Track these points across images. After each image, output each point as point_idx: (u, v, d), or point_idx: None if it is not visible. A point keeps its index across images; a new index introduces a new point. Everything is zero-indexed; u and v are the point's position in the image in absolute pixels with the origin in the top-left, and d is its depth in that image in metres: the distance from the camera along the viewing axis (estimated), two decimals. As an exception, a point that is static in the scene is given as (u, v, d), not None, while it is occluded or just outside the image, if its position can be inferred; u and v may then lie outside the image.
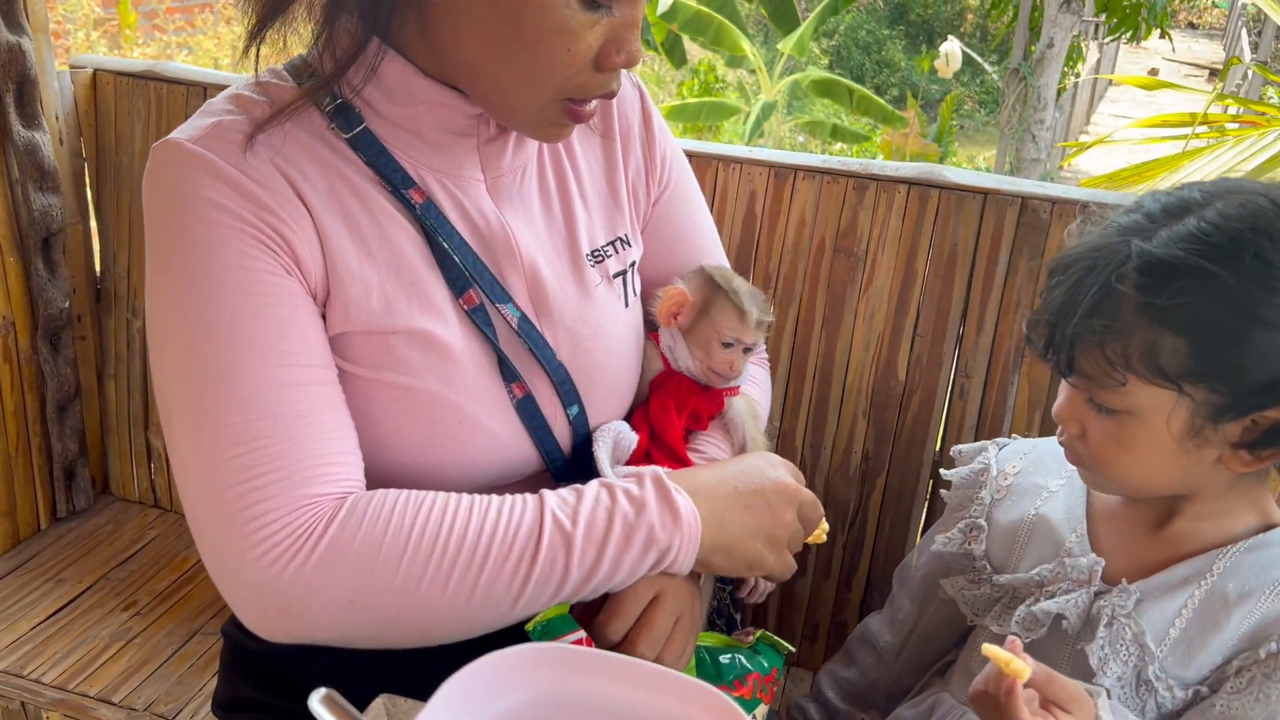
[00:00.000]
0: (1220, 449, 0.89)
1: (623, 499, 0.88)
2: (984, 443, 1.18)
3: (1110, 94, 14.42)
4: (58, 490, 1.82)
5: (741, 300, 1.06)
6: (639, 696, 0.75)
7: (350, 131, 0.91)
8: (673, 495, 0.89)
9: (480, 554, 0.84)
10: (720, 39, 7.69)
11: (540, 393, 0.99)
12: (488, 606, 0.85)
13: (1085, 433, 0.94)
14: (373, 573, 0.82)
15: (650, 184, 1.14)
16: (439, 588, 0.83)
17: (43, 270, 1.70)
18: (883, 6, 14.47)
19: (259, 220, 0.85)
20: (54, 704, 1.46)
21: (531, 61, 0.86)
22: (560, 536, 0.85)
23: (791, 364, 1.53)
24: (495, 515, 0.86)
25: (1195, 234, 0.86)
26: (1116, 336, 0.87)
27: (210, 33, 7.42)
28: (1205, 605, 0.94)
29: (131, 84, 1.71)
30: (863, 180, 1.45)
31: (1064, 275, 0.92)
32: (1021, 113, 7.49)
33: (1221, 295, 0.84)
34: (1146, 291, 0.85)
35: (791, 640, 1.63)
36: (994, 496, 1.11)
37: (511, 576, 0.84)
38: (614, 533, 0.87)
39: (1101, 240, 0.91)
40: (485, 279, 0.96)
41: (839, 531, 1.57)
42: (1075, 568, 0.99)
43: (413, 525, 0.84)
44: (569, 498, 0.88)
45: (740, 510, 0.94)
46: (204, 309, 0.84)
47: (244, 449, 0.82)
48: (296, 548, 0.82)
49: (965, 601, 1.08)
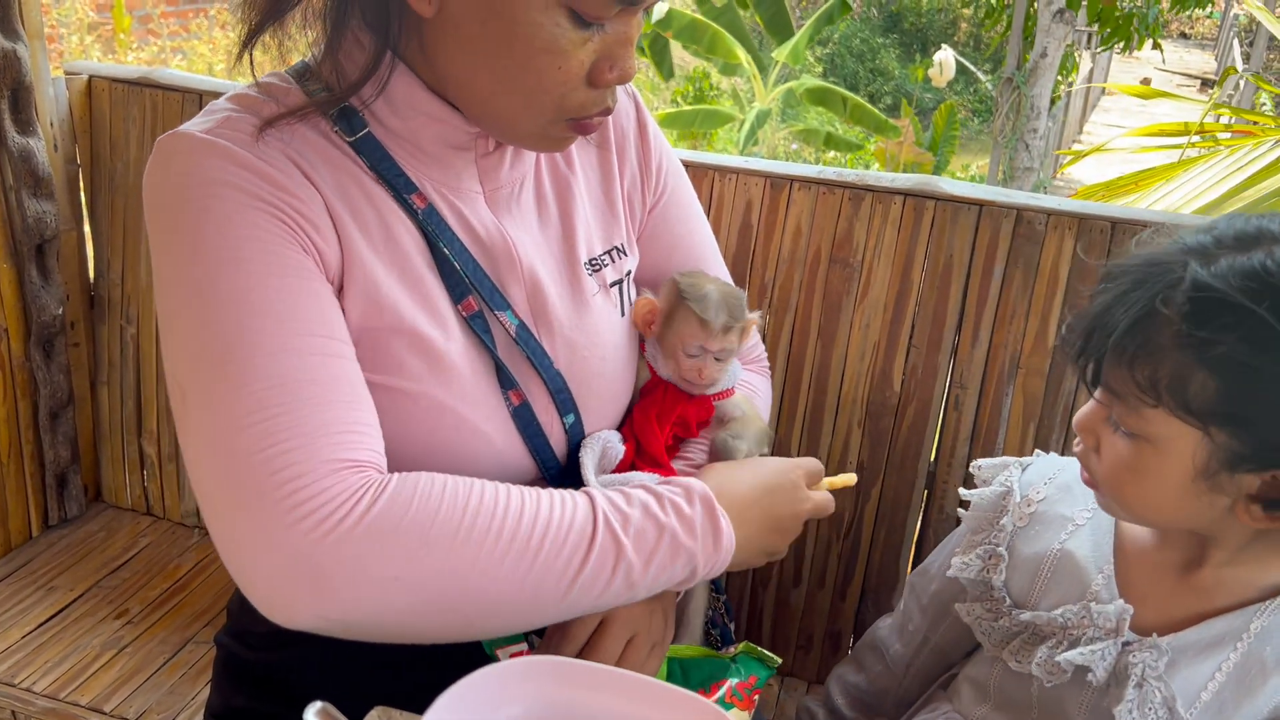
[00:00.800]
0: (1234, 498, 0.85)
1: (673, 517, 0.89)
2: (1005, 460, 1.13)
3: (1103, 103, 14.48)
4: (50, 497, 1.81)
5: (702, 309, 1.05)
6: (635, 710, 0.74)
7: (354, 135, 0.91)
8: (720, 520, 0.91)
9: (535, 544, 0.82)
10: (715, 47, 7.71)
11: (537, 401, 0.99)
12: (536, 599, 0.82)
13: (1100, 448, 0.91)
14: (424, 549, 0.78)
15: (646, 193, 1.14)
16: (491, 572, 0.80)
17: (36, 277, 1.69)
18: (877, 15, 14.51)
19: (277, 199, 0.84)
20: (45, 713, 1.45)
21: (523, 80, 0.85)
22: (612, 540, 0.85)
23: (787, 374, 1.53)
24: (549, 508, 0.84)
25: (1257, 271, 0.79)
26: (1148, 360, 0.83)
27: (205, 37, 7.41)
28: (1241, 669, 0.90)
29: (127, 91, 1.71)
30: (858, 191, 1.45)
31: (1114, 283, 0.88)
32: (1015, 121, 7.51)
33: (1265, 344, 0.78)
34: (1189, 321, 0.81)
35: (785, 650, 1.64)
36: (1016, 524, 1.05)
37: (563, 571, 0.83)
38: (661, 548, 0.88)
39: (1161, 255, 0.86)
40: (485, 286, 0.96)
41: (834, 541, 1.57)
42: (1103, 614, 0.94)
43: (466, 505, 0.81)
44: (619, 502, 0.88)
45: (762, 535, 0.98)
46: (219, 280, 0.81)
47: (264, 415, 0.78)
48: (341, 514, 0.77)
49: (982, 632, 1.05)
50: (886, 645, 1.23)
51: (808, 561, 1.59)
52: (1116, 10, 7.49)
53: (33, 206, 1.65)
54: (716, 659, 1.04)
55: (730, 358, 1.09)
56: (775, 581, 1.62)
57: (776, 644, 1.65)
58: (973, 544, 1.08)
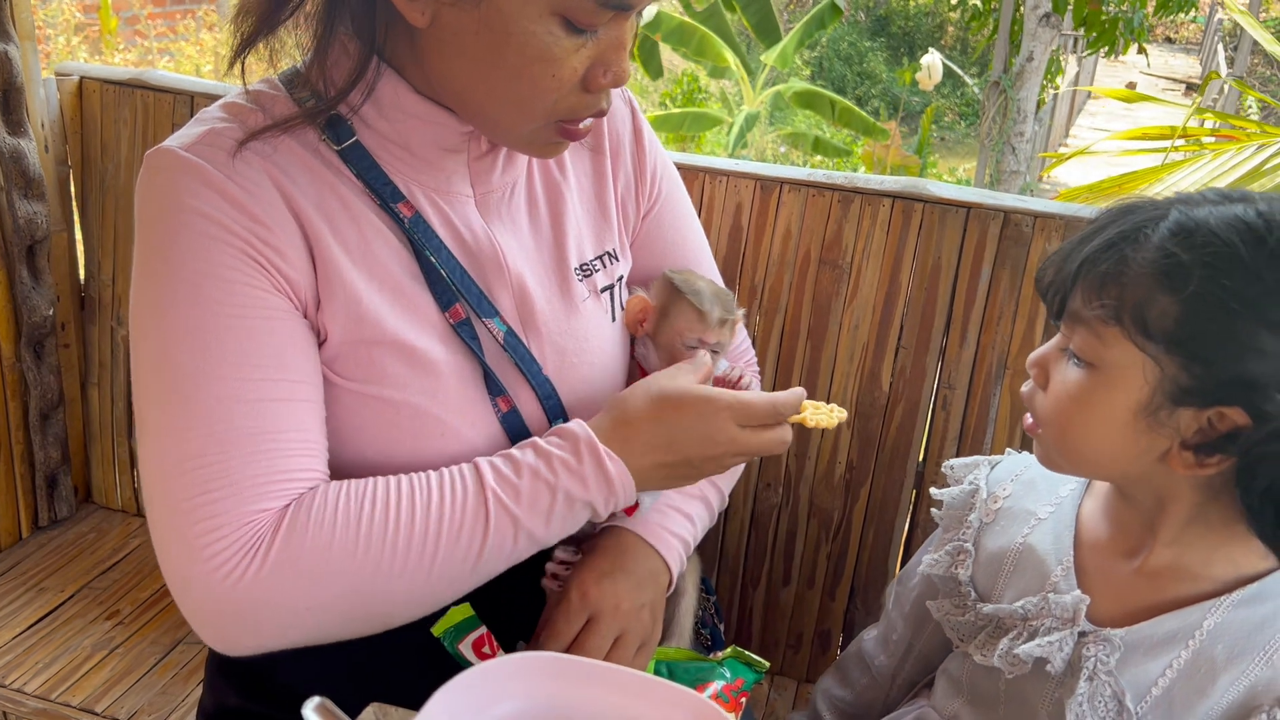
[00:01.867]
0: (1170, 441, 0.86)
1: (563, 474, 0.90)
2: (976, 459, 1.16)
3: (1089, 107, 14.56)
4: (40, 499, 1.81)
5: (699, 301, 1.06)
6: (629, 704, 0.75)
7: (341, 144, 0.92)
8: (606, 464, 0.91)
9: (431, 541, 0.86)
10: (703, 50, 7.72)
11: (525, 406, 1.00)
12: (446, 584, 0.88)
13: (1049, 384, 0.93)
14: (325, 579, 0.84)
15: (640, 198, 1.14)
16: (394, 581, 0.85)
17: (27, 278, 1.69)
18: (865, 19, 14.56)
19: (246, 231, 0.86)
20: (36, 714, 1.45)
21: (517, 87, 0.86)
22: (506, 515, 0.88)
23: (777, 374, 1.54)
24: (440, 498, 0.88)
25: (1240, 215, 0.83)
26: (1117, 282, 0.85)
27: (192, 39, 7.39)
28: (1191, 667, 0.91)
29: (118, 92, 1.71)
30: (848, 194, 1.46)
31: (1099, 219, 0.91)
32: (1001, 125, 7.55)
33: (1239, 277, 0.81)
34: (1169, 244, 0.83)
35: (775, 649, 1.65)
36: (983, 520, 1.08)
37: (464, 557, 0.87)
38: (557, 506, 0.90)
39: (1150, 201, 0.89)
40: (472, 293, 0.96)
41: (823, 541, 1.58)
42: (1060, 605, 0.96)
43: (359, 525, 0.85)
44: (508, 473, 0.90)
45: (664, 472, 0.95)
46: (179, 316, 0.85)
47: (200, 462, 0.83)
48: (246, 561, 0.82)
49: (950, 627, 1.07)
50: (872, 657, 1.23)
51: (797, 561, 1.60)
52: (1102, 15, 7.53)
53: (24, 207, 1.65)
54: (704, 662, 1.05)
55: (722, 354, 1.10)
56: (765, 581, 1.63)
57: (766, 643, 1.66)
58: (943, 542, 1.11)
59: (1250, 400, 0.82)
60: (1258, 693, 0.89)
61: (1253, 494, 0.84)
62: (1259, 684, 0.89)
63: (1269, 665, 0.89)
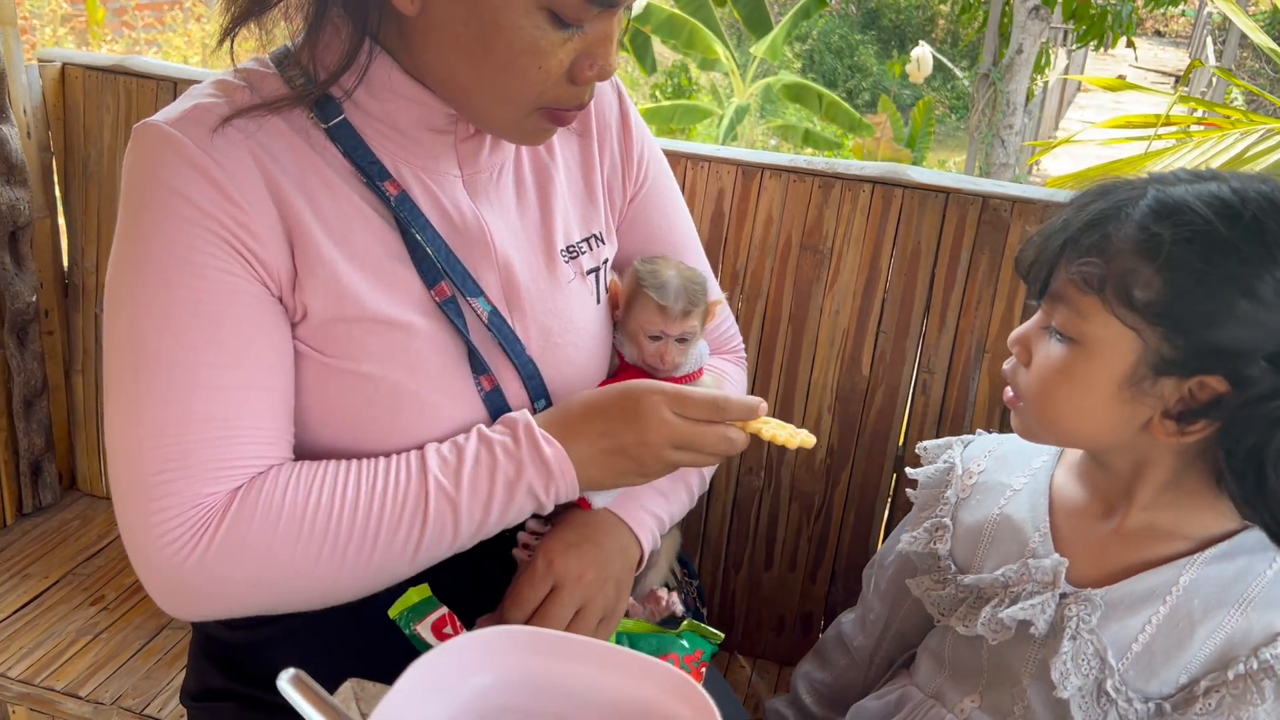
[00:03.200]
0: (1153, 410, 0.89)
1: (502, 458, 0.92)
2: (949, 439, 1.18)
3: (1079, 100, 14.60)
4: (24, 486, 1.80)
5: (661, 295, 1.06)
6: (605, 677, 0.76)
7: (329, 122, 0.92)
8: (543, 449, 0.92)
9: (373, 530, 0.88)
10: (693, 42, 7.72)
11: (508, 386, 1.00)
12: (385, 569, 0.90)
13: (1031, 361, 0.95)
14: (270, 559, 0.87)
15: (626, 182, 1.15)
16: (337, 563, 0.88)
17: (10, 264, 1.69)
18: (855, 11, 14.56)
19: (221, 212, 0.87)
20: (20, 698, 1.46)
21: (504, 79, 0.87)
22: (446, 502, 0.90)
23: (759, 359, 1.55)
24: (382, 487, 0.90)
25: (1215, 193, 0.86)
26: (1100, 255, 0.88)
27: (180, 30, 7.36)
28: (1169, 621, 0.93)
29: (100, 78, 1.71)
30: (828, 179, 1.47)
31: (1078, 200, 0.94)
32: (991, 117, 7.57)
33: (1218, 250, 0.84)
34: (1149, 220, 0.86)
35: (758, 633, 1.66)
36: (959, 496, 1.11)
37: (404, 543, 0.89)
38: (497, 494, 0.91)
39: (1128, 181, 0.92)
40: (457, 272, 0.97)
41: (804, 525, 1.59)
42: (1039, 569, 0.99)
43: (305, 509, 0.88)
44: (450, 459, 0.92)
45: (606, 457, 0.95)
46: (149, 297, 0.87)
47: (159, 443, 0.86)
48: (195, 540, 0.86)
49: (931, 602, 1.09)
50: (850, 639, 1.25)
51: (779, 545, 1.61)
52: (1091, 7, 7.55)
53: (6, 194, 1.65)
54: (664, 634, 1.06)
55: (694, 340, 1.10)
56: (747, 565, 1.64)
57: (749, 627, 1.67)
58: (920, 520, 1.13)
59: (1232, 368, 0.85)
60: (1234, 643, 0.92)
61: (1236, 457, 0.88)
62: (1235, 635, 0.92)
63: (1244, 616, 0.92)
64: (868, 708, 1.17)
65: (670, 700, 0.74)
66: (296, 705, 0.70)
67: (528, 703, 0.76)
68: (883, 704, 1.16)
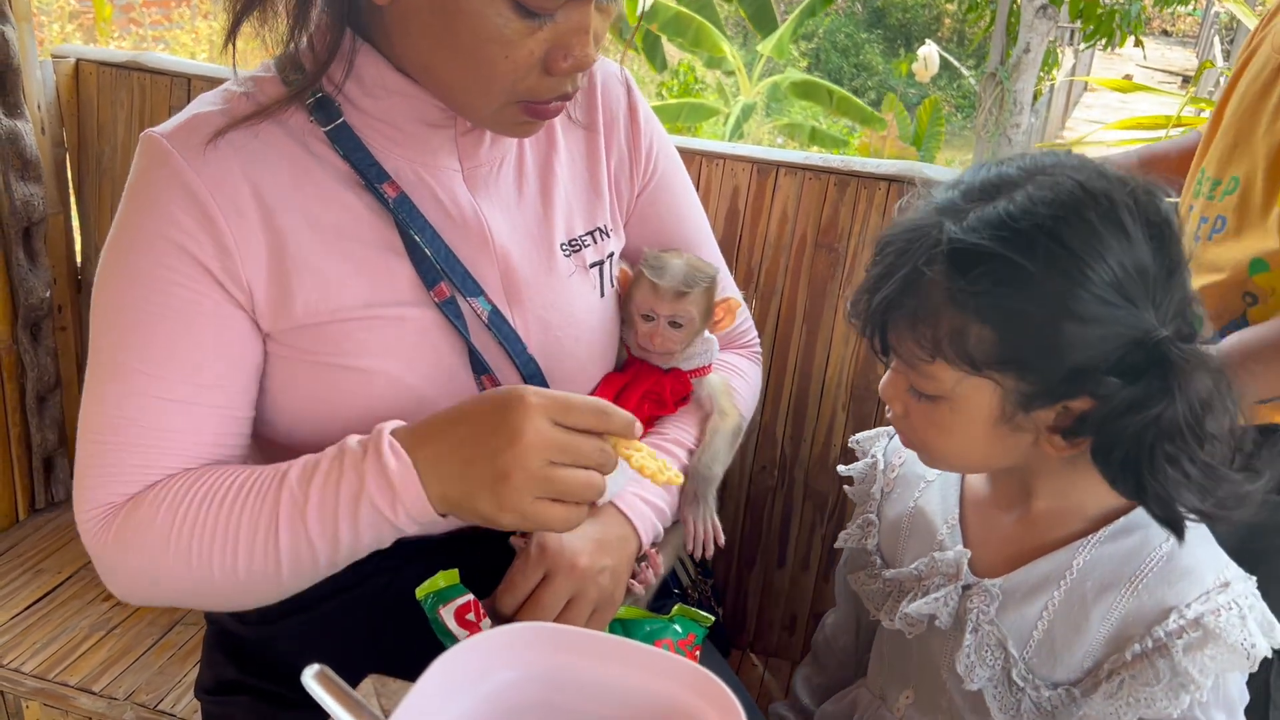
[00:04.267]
0: (1035, 433, 0.89)
1: (349, 470, 0.86)
2: (879, 431, 1.18)
3: (1085, 99, 14.57)
4: (36, 481, 1.81)
5: (655, 275, 1.07)
6: (628, 674, 0.76)
7: (329, 124, 0.93)
8: (387, 462, 0.84)
9: (230, 546, 0.89)
10: (700, 40, 7.71)
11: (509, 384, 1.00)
12: (254, 580, 0.90)
13: (908, 413, 0.94)
14: (152, 559, 0.91)
15: (635, 176, 1.15)
16: (206, 567, 0.90)
17: (23, 260, 1.69)
18: (861, 10, 14.55)
19: (198, 229, 0.89)
20: (34, 693, 1.46)
21: (473, 69, 0.87)
22: (297, 517, 0.87)
23: (773, 358, 1.54)
24: (241, 503, 0.89)
25: (1002, 219, 0.83)
26: (925, 321, 0.86)
27: (187, 27, 7.38)
28: (1065, 606, 0.93)
29: (114, 74, 1.71)
30: (843, 177, 1.47)
31: (881, 254, 0.91)
32: (998, 116, 7.56)
33: (1026, 285, 0.82)
34: (954, 276, 0.84)
35: (770, 631, 1.66)
36: (884, 490, 1.11)
37: (264, 562, 0.89)
38: (342, 509, 0.86)
39: (918, 219, 0.89)
40: (457, 272, 0.97)
41: (818, 523, 1.59)
42: (944, 561, 1.00)
43: (175, 513, 0.89)
44: (309, 468, 0.88)
45: (459, 472, 0.85)
46: (116, 302, 0.91)
47: (98, 436, 0.92)
48: (103, 530, 0.92)
49: (866, 597, 1.10)
50: (833, 640, 1.26)
51: (792, 544, 1.61)
52: (1099, 7, 7.54)
53: (20, 190, 1.65)
54: (655, 618, 1.06)
55: (689, 328, 1.10)
56: (760, 564, 1.64)
57: (761, 625, 1.67)
58: (855, 515, 1.14)
59: (1086, 387, 0.84)
60: (1129, 623, 0.91)
61: (1111, 466, 0.87)
62: (1129, 614, 0.91)
63: (1135, 595, 0.91)
64: (828, 711, 1.18)
65: (693, 697, 0.74)
66: (321, 701, 0.70)
67: (550, 699, 0.76)
68: (839, 707, 1.17)
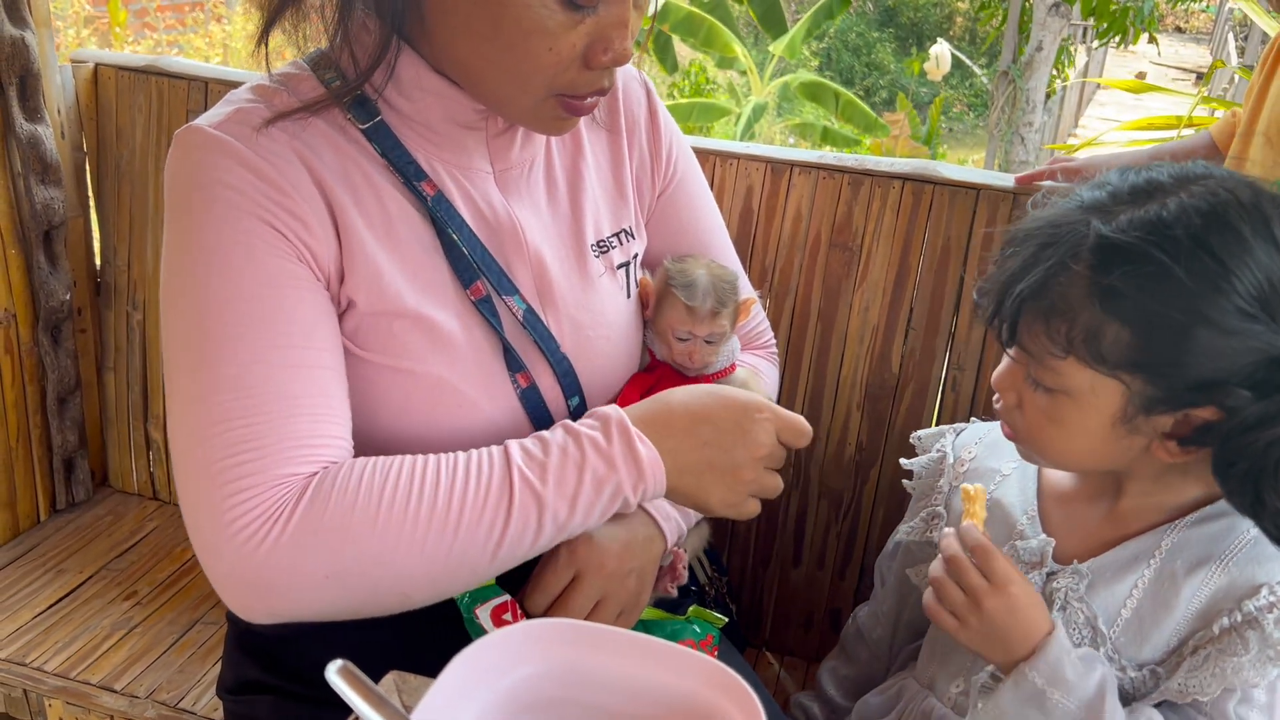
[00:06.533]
0: (1151, 438, 0.90)
1: (591, 454, 0.88)
2: (943, 428, 1.19)
3: (1098, 97, 14.49)
4: (57, 482, 1.82)
5: (688, 296, 1.06)
6: (648, 670, 0.76)
7: (367, 123, 0.94)
8: (637, 446, 0.89)
9: (454, 518, 0.85)
10: (711, 40, 7.71)
11: (543, 382, 1.01)
12: (464, 565, 0.87)
13: (1021, 404, 0.95)
14: (346, 545, 0.84)
15: (655, 177, 1.16)
16: (415, 554, 0.84)
17: (44, 263, 1.71)
18: (873, 9, 14.52)
19: (272, 203, 0.87)
20: (56, 691, 1.47)
21: (514, 61, 0.87)
22: (531, 495, 0.86)
23: (787, 356, 1.55)
24: (464, 477, 0.86)
25: (1155, 222, 0.85)
26: (1062, 315, 0.87)
27: (202, 31, 7.41)
28: (1155, 584, 0.95)
29: (133, 78, 1.72)
30: (858, 176, 1.47)
31: (1021, 245, 0.92)
32: (1010, 115, 7.54)
33: (1171, 290, 0.83)
34: (1099, 272, 0.85)
35: (786, 629, 1.66)
36: (952, 484, 1.12)
37: (486, 537, 0.85)
38: (584, 488, 0.88)
39: (1063, 215, 0.90)
40: (493, 271, 0.98)
41: (833, 522, 1.59)
42: (1027, 549, 1.01)
43: (381, 494, 0.84)
44: (535, 452, 0.89)
45: (700, 466, 0.92)
46: (208, 286, 0.86)
47: (228, 426, 0.84)
48: (269, 526, 0.83)
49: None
50: (867, 632, 1.26)
51: (807, 542, 1.61)
52: (1112, 4, 7.50)
53: (40, 193, 1.67)
54: (674, 619, 1.07)
55: (723, 340, 1.11)
56: (775, 562, 1.64)
57: (777, 623, 1.67)
58: (916, 510, 1.15)
59: (1215, 398, 0.85)
60: (1218, 599, 0.92)
61: (1231, 479, 0.88)
62: (1219, 591, 0.93)
63: (1225, 573, 0.93)
64: (871, 703, 1.19)
65: (713, 693, 0.74)
66: (344, 696, 0.70)
67: (571, 695, 0.77)
68: (884, 698, 1.17)
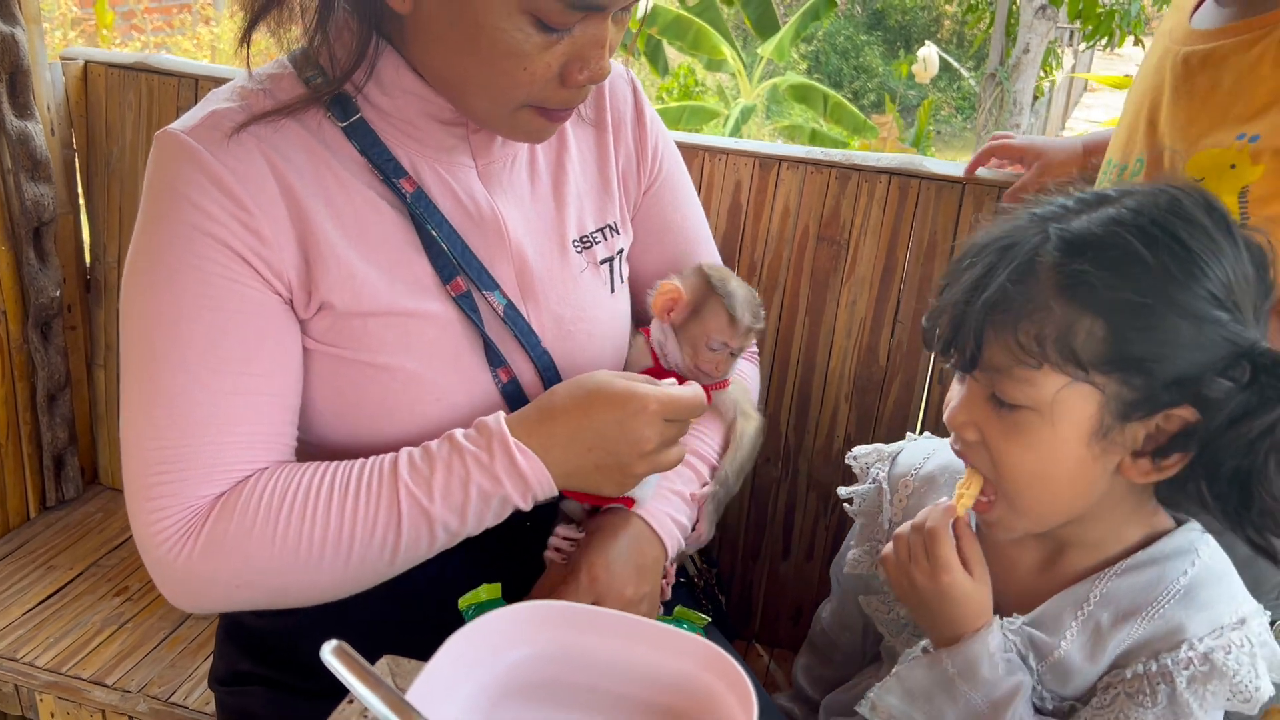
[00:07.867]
0: (1122, 455, 0.85)
1: (475, 469, 0.90)
2: (876, 449, 1.14)
3: (1085, 100, 14.57)
4: (47, 479, 1.83)
5: (735, 306, 1.07)
6: (639, 651, 0.77)
7: (346, 120, 0.94)
8: (516, 458, 0.90)
9: (346, 536, 0.90)
10: (699, 43, 7.72)
11: (524, 377, 1.02)
12: (365, 571, 0.92)
13: (983, 438, 0.89)
14: (247, 563, 0.90)
15: (641, 174, 1.16)
16: (313, 569, 0.90)
17: (34, 260, 1.71)
18: (861, 12, 14.57)
19: (231, 218, 0.89)
20: (47, 687, 1.47)
21: (490, 79, 0.88)
22: (419, 511, 0.90)
23: (776, 350, 1.56)
24: (355, 495, 0.90)
25: (1116, 217, 0.82)
26: (1031, 319, 0.82)
27: (189, 33, 7.39)
28: (1082, 635, 0.92)
29: (122, 76, 1.73)
30: (845, 170, 1.48)
31: (976, 258, 0.87)
32: (998, 117, 7.58)
33: (1142, 277, 0.80)
34: (1068, 265, 0.81)
35: (776, 622, 1.67)
36: (893, 518, 1.08)
37: (381, 548, 0.91)
38: (471, 501, 0.91)
39: (1016, 226, 0.87)
40: (473, 266, 0.99)
41: (821, 514, 1.60)
42: None
43: (277, 517, 0.89)
44: (422, 468, 0.91)
45: (587, 467, 0.93)
46: (158, 301, 0.90)
47: (159, 442, 0.89)
48: (182, 542, 0.89)
49: (880, 623, 1.09)
50: (836, 636, 1.25)
51: (796, 534, 1.63)
52: (1098, 7, 7.54)
53: (30, 190, 1.67)
54: (663, 618, 1.07)
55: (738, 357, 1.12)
56: (765, 555, 1.65)
57: (766, 616, 1.68)
58: (863, 538, 1.12)
59: (1195, 394, 0.81)
60: (1139, 648, 0.90)
61: (1219, 481, 0.84)
62: (1142, 639, 0.90)
63: (1150, 623, 0.90)
64: (838, 700, 1.18)
65: (704, 673, 0.76)
66: (339, 675, 0.71)
67: (563, 676, 0.78)
68: (850, 696, 1.16)
